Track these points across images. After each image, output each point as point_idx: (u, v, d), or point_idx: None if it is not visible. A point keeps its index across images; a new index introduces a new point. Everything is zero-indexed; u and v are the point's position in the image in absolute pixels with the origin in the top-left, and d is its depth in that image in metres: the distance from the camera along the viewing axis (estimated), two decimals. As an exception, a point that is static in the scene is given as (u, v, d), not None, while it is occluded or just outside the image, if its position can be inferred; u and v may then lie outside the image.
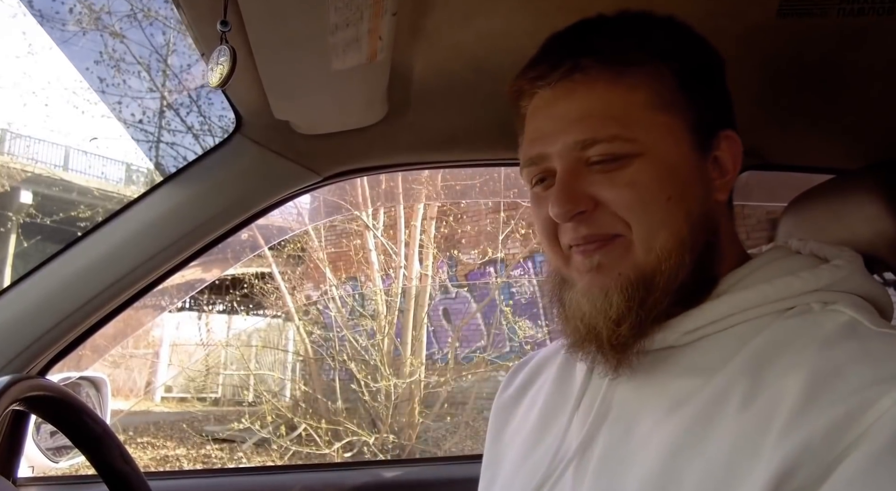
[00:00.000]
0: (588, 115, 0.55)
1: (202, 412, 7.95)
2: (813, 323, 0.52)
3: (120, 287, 0.93)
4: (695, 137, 0.56)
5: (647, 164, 0.54)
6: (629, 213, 0.54)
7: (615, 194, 0.54)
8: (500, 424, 0.72)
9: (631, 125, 0.54)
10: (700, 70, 0.58)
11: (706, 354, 0.53)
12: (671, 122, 0.55)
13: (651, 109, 0.55)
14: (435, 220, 5.91)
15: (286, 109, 0.87)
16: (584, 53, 0.55)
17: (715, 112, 0.59)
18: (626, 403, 0.56)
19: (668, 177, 0.54)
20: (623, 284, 0.54)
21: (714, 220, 0.57)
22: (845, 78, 0.85)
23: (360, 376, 5.24)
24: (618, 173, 0.54)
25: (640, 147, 0.54)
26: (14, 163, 10.15)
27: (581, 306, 0.56)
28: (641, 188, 0.54)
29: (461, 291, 6.54)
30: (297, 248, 6.57)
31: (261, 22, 0.65)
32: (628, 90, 0.55)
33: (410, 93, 0.89)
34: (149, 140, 6.53)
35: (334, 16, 0.65)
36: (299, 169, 1.01)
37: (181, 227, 0.96)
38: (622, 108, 0.54)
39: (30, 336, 0.91)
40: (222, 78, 0.55)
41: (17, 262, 9.84)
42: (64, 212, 7.92)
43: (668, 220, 0.54)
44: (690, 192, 0.55)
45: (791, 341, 0.50)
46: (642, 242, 0.54)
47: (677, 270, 0.53)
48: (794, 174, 1.08)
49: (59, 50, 7.65)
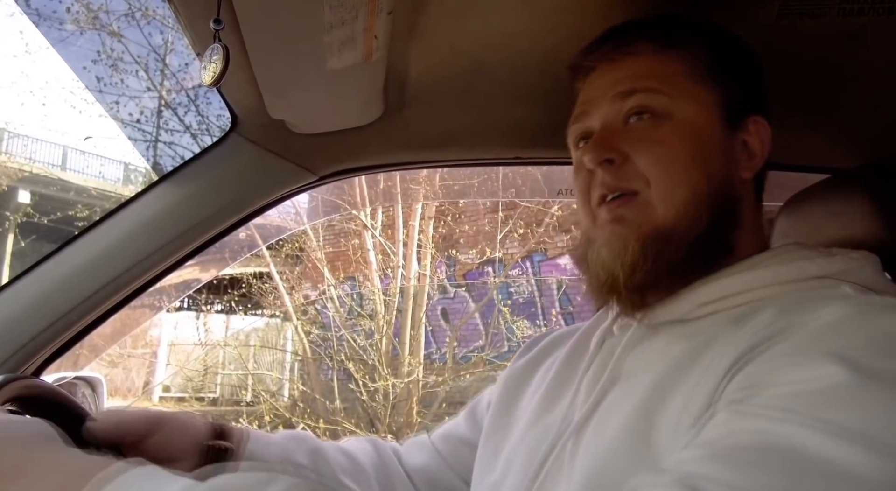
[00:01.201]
0: (630, 74, 0.61)
1: (200, 412, 7.95)
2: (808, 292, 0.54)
3: (116, 286, 0.93)
4: (724, 113, 0.61)
5: (677, 126, 0.59)
6: (652, 169, 0.59)
7: (643, 151, 0.59)
8: (511, 393, 0.74)
9: (667, 86, 0.60)
10: (733, 57, 0.64)
11: (715, 325, 0.55)
12: (704, 93, 0.61)
13: (687, 79, 0.61)
14: (433, 219, 5.91)
15: (282, 108, 0.87)
16: (631, 32, 0.63)
17: (747, 98, 0.63)
18: (635, 370, 0.58)
19: (694, 139, 0.59)
20: (641, 235, 0.58)
21: (736, 191, 0.61)
22: (842, 78, 0.85)
23: (359, 376, 5.24)
24: (650, 132, 0.60)
25: (673, 107, 0.60)
26: (12, 162, 10.13)
27: (601, 254, 0.60)
28: (667, 147, 0.59)
29: (459, 290, 6.54)
30: (296, 247, 6.57)
31: (255, 20, 0.65)
32: (669, 61, 0.61)
33: (407, 92, 0.88)
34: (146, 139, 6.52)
35: (329, 14, 0.65)
36: (295, 168, 1.01)
37: (177, 226, 0.96)
38: (661, 72, 0.61)
39: (25, 335, 0.90)
40: (215, 76, 0.55)
41: (15, 261, 9.83)
42: (62, 211, 7.92)
43: (688, 177, 0.58)
44: (713, 157, 0.60)
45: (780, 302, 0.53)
46: (662, 199, 0.58)
47: (693, 224, 0.58)
48: (789, 174, 1.08)
49: (55, 49, 7.67)
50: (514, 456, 0.65)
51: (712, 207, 0.58)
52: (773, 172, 1.16)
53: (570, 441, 0.58)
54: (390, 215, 5.89)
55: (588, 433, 0.57)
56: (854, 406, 0.40)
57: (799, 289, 0.55)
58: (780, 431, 0.40)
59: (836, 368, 0.41)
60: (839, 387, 0.41)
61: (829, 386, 0.41)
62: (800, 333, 0.46)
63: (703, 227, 0.58)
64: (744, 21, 0.73)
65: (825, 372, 0.42)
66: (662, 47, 0.62)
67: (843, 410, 0.40)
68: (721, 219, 0.59)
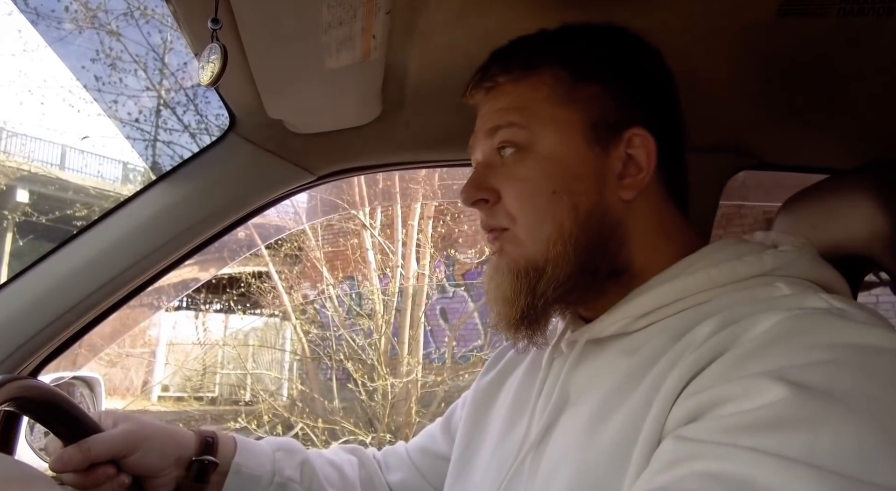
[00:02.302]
0: (497, 109, 0.62)
1: (199, 411, 7.94)
2: (745, 295, 0.53)
3: (114, 286, 0.93)
4: (593, 134, 0.59)
5: (538, 159, 0.59)
6: (517, 206, 0.60)
7: (508, 189, 0.60)
8: (480, 409, 0.73)
9: (528, 115, 0.60)
10: (604, 70, 0.61)
11: (656, 337, 0.54)
12: (566, 117, 0.60)
13: (550, 104, 0.60)
14: (432, 219, 5.91)
15: (280, 108, 0.87)
16: (491, 64, 0.64)
17: (625, 110, 0.60)
18: (583, 388, 0.58)
19: (556, 170, 0.59)
20: (514, 270, 0.59)
21: (615, 217, 0.60)
22: (842, 79, 0.85)
23: (358, 376, 5.24)
24: (514, 168, 0.60)
25: (534, 138, 0.60)
26: (10, 161, 10.12)
27: (488, 284, 0.63)
28: (529, 183, 0.59)
29: (458, 290, 6.54)
30: (294, 247, 6.56)
31: (253, 20, 0.65)
32: (530, 89, 0.61)
33: (405, 91, 0.88)
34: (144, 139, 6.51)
35: (327, 14, 0.65)
36: (293, 168, 1.01)
37: (175, 225, 0.96)
38: (523, 102, 0.61)
39: (22, 335, 0.90)
40: (213, 76, 0.55)
41: (13, 261, 9.82)
42: (60, 211, 7.91)
43: (551, 212, 0.58)
44: (580, 188, 0.59)
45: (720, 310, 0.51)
46: (528, 235, 0.59)
47: (561, 259, 0.58)
48: (789, 174, 1.08)
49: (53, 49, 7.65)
50: (484, 475, 0.65)
51: (581, 240, 0.58)
52: (773, 172, 1.17)
53: (528, 463, 0.58)
54: (389, 215, 5.89)
55: (544, 457, 0.57)
56: (800, 433, 0.38)
57: (735, 289, 0.54)
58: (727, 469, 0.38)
59: (777, 390, 0.40)
60: (782, 412, 0.39)
61: (773, 412, 0.39)
62: (738, 350, 0.45)
63: (574, 260, 0.57)
64: (743, 20, 0.73)
65: (767, 397, 0.40)
66: (520, 76, 0.61)
67: (789, 438, 0.38)
68: (599, 251, 0.58)
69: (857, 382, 0.40)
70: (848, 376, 0.40)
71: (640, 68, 0.63)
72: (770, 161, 1.07)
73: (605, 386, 0.54)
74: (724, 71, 0.86)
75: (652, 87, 0.63)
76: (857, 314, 0.46)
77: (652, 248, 0.60)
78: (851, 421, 0.37)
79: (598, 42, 0.63)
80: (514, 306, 0.59)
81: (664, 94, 0.64)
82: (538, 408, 0.61)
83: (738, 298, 0.53)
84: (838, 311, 0.47)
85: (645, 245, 0.60)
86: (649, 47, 0.65)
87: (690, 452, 0.41)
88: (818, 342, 0.43)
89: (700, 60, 0.83)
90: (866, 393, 0.39)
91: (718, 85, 0.89)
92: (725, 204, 1.19)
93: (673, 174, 0.63)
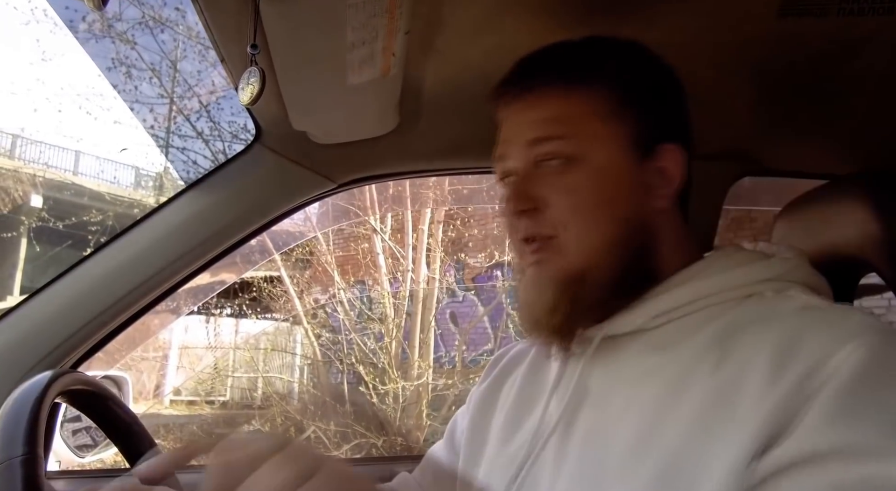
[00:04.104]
0: (540, 119, 0.63)
1: (211, 415, 7.99)
2: (770, 306, 0.56)
3: (147, 288, 0.98)
4: (634, 148, 0.62)
5: (586, 169, 0.61)
6: (566, 216, 0.61)
7: (557, 198, 0.61)
8: (482, 415, 0.75)
9: (575, 129, 0.61)
10: (644, 87, 0.64)
11: (674, 333, 0.58)
12: (612, 132, 0.62)
13: (594, 120, 0.62)
14: (442, 223, 5.94)
15: (304, 121, 0.92)
16: (536, 72, 0.65)
17: (660, 125, 0.64)
18: (602, 382, 0.60)
19: (603, 183, 0.61)
20: (557, 278, 0.61)
21: (651, 225, 0.62)
22: (841, 84, 0.88)
23: (369, 379, 5.26)
24: (561, 178, 0.61)
25: (581, 150, 0.61)
26: (27, 167, 10.27)
27: (526, 295, 0.63)
28: (578, 194, 0.61)
29: (468, 294, 6.55)
30: (306, 251, 6.61)
31: (284, 42, 0.70)
32: (576, 103, 0.62)
33: (421, 104, 0.93)
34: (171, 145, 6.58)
35: (351, 35, 0.70)
36: (315, 176, 1.06)
37: (203, 232, 1.01)
38: (568, 116, 0.62)
39: (61, 335, 0.95)
40: (253, 97, 0.60)
41: (28, 266, 9.95)
42: (76, 216, 8.01)
43: (599, 222, 0.61)
44: (624, 198, 0.61)
45: (752, 320, 0.54)
46: (575, 244, 0.61)
47: (607, 268, 0.60)
48: (787, 180, 1.11)
49: (73, 57, 7.76)
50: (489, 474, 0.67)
51: (625, 249, 0.61)
52: (771, 178, 1.19)
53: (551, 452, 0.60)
54: (399, 219, 5.92)
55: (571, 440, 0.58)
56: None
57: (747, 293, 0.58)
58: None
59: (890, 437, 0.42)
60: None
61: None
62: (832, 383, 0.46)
63: (618, 270, 0.60)
64: (744, 21, 0.75)
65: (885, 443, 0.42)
66: (568, 89, 0.63)
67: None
68: (635, 257, 0.61)
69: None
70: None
71: (668, 85, 0.66)
72: (771, 167, 1.10)
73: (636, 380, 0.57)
74: (726, 81, 0.89)
75: (676, 103, 0.67)
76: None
77: (671, 253, 0.63)
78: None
79: (636, 60, 0.66)
80: (555, 314, 0.60)
81: (684, 108, 0.67)
82: (553, 401, 0.63)
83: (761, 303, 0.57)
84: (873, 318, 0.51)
85: (668, 251, 0.63)
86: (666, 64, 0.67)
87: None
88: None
89: (704, 71, 0.86)
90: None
91: (721, 94, 0.92)
92: (734, 208, 1.21)
93: (689, 184, 0.67)
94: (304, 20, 0.66)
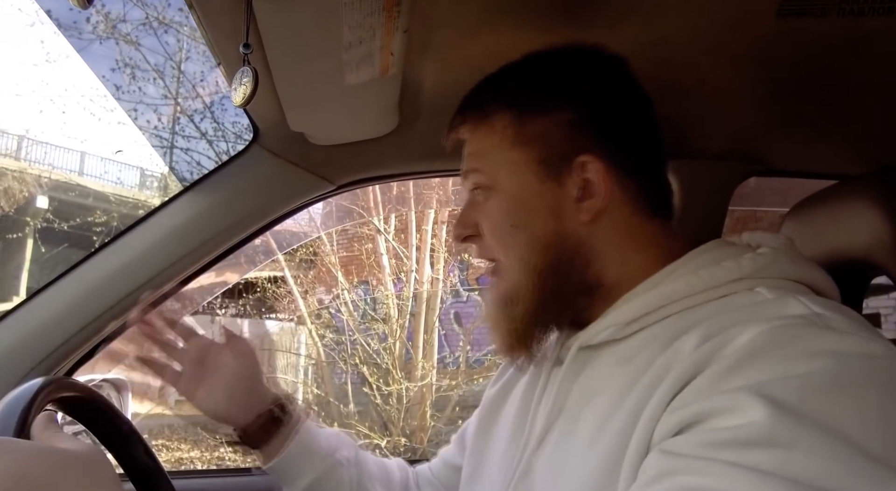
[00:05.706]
0: (467, 154, 0.69)
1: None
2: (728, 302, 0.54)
3: (144, 292, 0.97)
4: (543, 168, 0.63)
5: (499, 197, 0.65)
6: (493, 242, 0.66)
7: (484, 226, 0.66)
8: (490, 415, 0.76)
9: (486, 160, 0.66)
10: (548, 106, 0.64)
11: (641, 343, 0.56)
12: (519, 157, 0.64)
13: (504, 148, 0.65)
14: (446, 224, 5.93)
15: (301, 121, 0.91)
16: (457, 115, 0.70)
17: (573, 141, 0.62)
18: (578, 396, 0.60)
19: (514, 208, 0.64)
20: (497, 300, 0.65)
21: (579, 239, 0.62)
22: (846, 83, 0.87)
23: (372, 380, 5.26)
24: (484, 206, 0.66)
25: (495, 179, 0.65)
26: (32, 168, 10.32)
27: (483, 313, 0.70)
28: (495, 220, 0.65)
29: (472, 294, 6.55)
30: (309, 252, 6.62)
31: (279, 41, 0.69)
32: (485, 135, 0.67)
33: (420, 104, 0.92)
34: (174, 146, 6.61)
35: (348, 34, 0.68)
36: (314, 178, 1.05)
37: (201, 234, 1.00)
38: (483, 148, 0.67)
39: (57, 339, 0.94)
40: (245, 97, 0.58)
41: (34, 267, 10.00)
42: (81, 217, 8.05)
43: (519, 246, 0.63)
44: (541, 219, 0.63)
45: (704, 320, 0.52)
46: (507, 267, 0.65)
47: (535, 288, 0.62)
48: (796, 180, 1.09)
49: (77, 58, 7.79)
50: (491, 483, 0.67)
51: (543, 266, 0.62)
52: (779, 178, 1.18)
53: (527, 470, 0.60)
54: (403, 220, 5.92)
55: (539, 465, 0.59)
56: (776, 449, 0.40)
57: (716, 295, 0.55)
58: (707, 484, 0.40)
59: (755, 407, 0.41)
60: (759, 429, 0.41)
61: (751, 431, 0.41)
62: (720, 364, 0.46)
63: (548, 286, 0.62)
64: (745, 23, 0.74)
65: (746, 414, 0.42)
66: (476, 124, 0.67)
67: (766, 453, 0.40)
68: (559, 272, 0.62)
69: (831, 395, 0.42)
70: (823, 389, 0.42)
71: (587, 92, 0.64)
72: (778, 167, 1.09)
73: (601, 395, 0.56)
74: (730, 80, 0.88)
75: (603, 107, 0.64)
76: (835, 320, 0.48)
77: (621, 261, 0.62)
78: (824, 438, 0.40)
79: (538, 76, 0.66)
80: (500, 332, 0.64)
81: (620, 109, 0.64)
82: (538, 415, 0.63)
83: (720, 305, 0.54)
84: (817, 317, 0.48)
85: (614, 260, 0.62)
86: (604, 61, 0.66)
87: (674, 466, 0.43)
88: (794, 354, 0.44)
89: (707, 70, 0.85)
90: (840, 404, 0.41)
91: (726, 94, 0.91)
92: (740, 208, 1.20)
93: (643, 187, 0.64)
94: (298, 19, 0.64)
